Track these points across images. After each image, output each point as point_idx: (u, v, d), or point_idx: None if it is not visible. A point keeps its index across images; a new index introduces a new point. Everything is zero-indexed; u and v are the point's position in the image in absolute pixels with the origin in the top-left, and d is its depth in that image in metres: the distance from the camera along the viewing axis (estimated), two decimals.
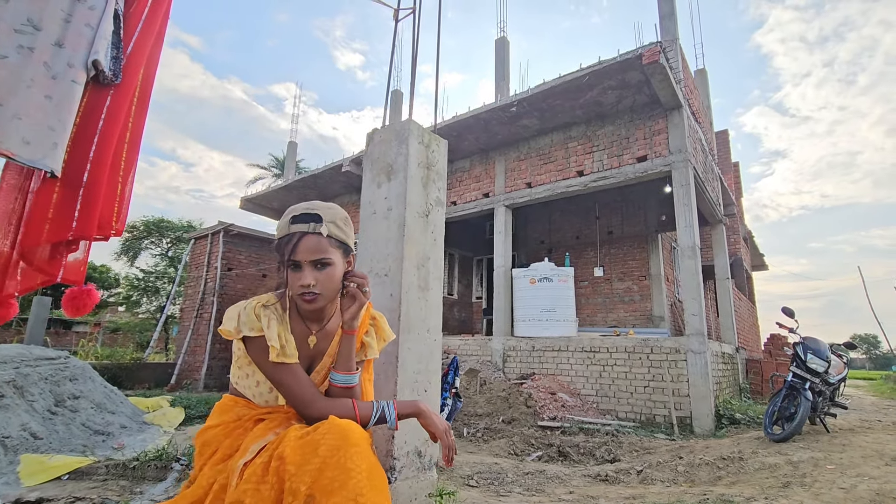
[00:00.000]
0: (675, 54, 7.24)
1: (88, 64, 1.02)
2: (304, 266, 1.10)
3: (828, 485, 2.93)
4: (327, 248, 1.12)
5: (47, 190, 0.96)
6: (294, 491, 0.88)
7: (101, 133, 1.03)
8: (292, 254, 1.10)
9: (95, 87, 1.05)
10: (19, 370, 4.68)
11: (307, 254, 1.10)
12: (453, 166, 9.69)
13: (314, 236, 1.11)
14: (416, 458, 1.59)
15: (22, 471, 3.68)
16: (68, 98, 1.00)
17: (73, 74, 1.01)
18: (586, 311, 10.70)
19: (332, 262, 1.13)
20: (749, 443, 4.23)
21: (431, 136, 1.90)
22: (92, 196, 1.01)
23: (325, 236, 1.12)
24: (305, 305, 1.12)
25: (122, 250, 23.24)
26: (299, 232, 1.11)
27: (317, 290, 1.10)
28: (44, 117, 0.96)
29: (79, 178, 0.99)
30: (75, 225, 0.98)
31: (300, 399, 1.08)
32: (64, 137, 0.98)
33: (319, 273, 1.11)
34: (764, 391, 8.71)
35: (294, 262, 1.10)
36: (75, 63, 1.01)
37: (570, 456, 4.68)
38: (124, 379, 9.77)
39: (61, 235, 0.96)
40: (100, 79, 1.05)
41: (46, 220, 0.95)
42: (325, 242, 1.12)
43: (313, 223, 1.12)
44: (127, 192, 1.09)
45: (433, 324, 1.77)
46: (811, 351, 4.32)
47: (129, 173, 1.09)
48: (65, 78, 1.00)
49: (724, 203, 10.13)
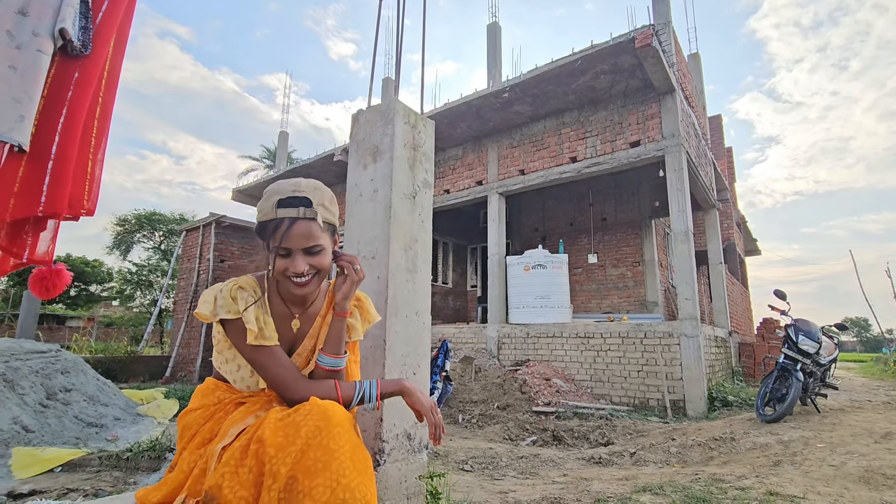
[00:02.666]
0: (669, 38, 7.18)
1: (55, 33, 0.98)
2: (295, 253, 1.05)
3: (818, 463, 2.97)
4: (319, 234, 1.07)
5: (13, 165, 0.92)
6: (274, 473, 0.86)
7: (70, 106, 0.98)
8: (283, 241, 1.03)
9: (64, 58, 1.01)
10: (9, 364, 4.64)
11: (299, 241, 1.04)
12: (446, 154, 9.62)
13: (305, 222, 1.04)
14: (406, 440, 1.58)
15: (14, 464, 3.66)
16: (34, 68, 0.95)
17: (39, 44, 0.96)
18: (580, 297, 10.73)
19: (323, 247, 1.08)
20: (741, 424, 4.28)
21: (418, 117, 1.86)
22: (61, 171, 0.97)
23: (316, 221, 1.06)
24: (296, 290, 1.08)
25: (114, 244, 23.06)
26: (289, 218, 1.04)
27: (311, 272, 1.07)
28: (8, 88, 0.91)
29: (47, 152, 0.95)
30: (44, 200, 0.94)
31: (281, 382, 1.05)
32: (31, 110, 0.94)
33: (312, 259, 1.06)
34: (756, 374, 8.80)
35: (284, 248, 1.04)
36: (41, 32, 0.96)
37: (564, 440, 4.72)
38: (119, 372, 9.73)
39: (29, 211, 0.93)
40: (68, 49, 1.00)
41: (11, 194, 0.91)
42: (316, 228, 1.06)
43: (303, 207, 1.05)
44: (97, 171, 1.05)
45: (421, 307, 1.75)
46: (803, 333, 4.35)
47: (98, 150, 1.05)
48: (30, 47, 0.95)
49: (717, 188, 10.15)
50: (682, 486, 2.58)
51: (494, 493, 2.84)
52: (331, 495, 0.86)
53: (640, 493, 2.47)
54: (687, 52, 11.93)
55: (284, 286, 1.10)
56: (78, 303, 28.43)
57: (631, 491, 2.55)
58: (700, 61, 12.00)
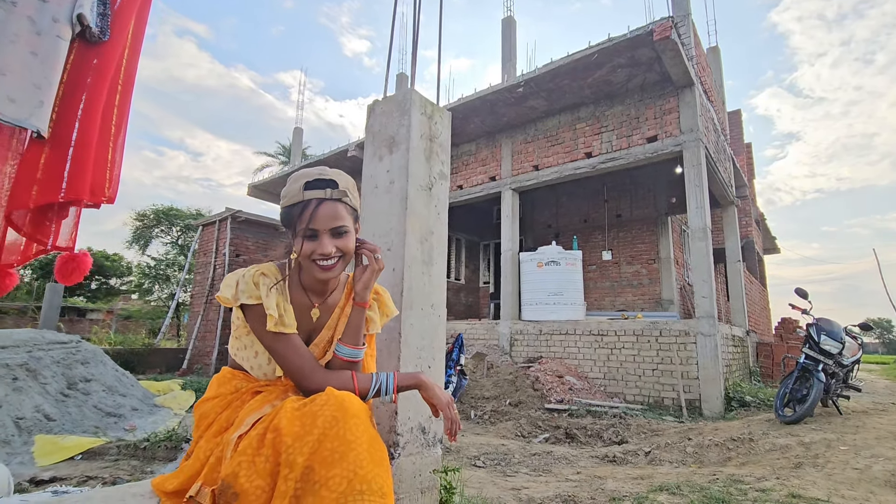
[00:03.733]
0: (688, 30, 7.03)
1: (73, 18, 0.98)
2: (322, 234, 1.06)
3: (841, 465, 2.89)
4: (345, 216, 1.08)
5: (35, 151, 0.92)
6: (291, 463, 0.85)
7: (89, 92, 0.98)
8: (311, 222, 1.04)
9: (83, 44, 1.01)
10: (32, 354, 4.75)
11: (327, 221, 1.05)
12: (459, 150, 9.58)
13: (332, 203, 1.07)
14: (420, 434, 1.57)
15: (36, 451, 3.75)
16: (54, 54, 0.95)
17: (58, 30, 0.96)
18: (594, 295, 10.62)
19: (349, 229, 1.09)
20: (759, 425, 4.19)
21: (434, 107, 1.84)
22: (82, 157, 0.97)
23: (342, 203, 1.08)
24: (322, 274, 1.07)
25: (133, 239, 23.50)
26: (316, 199, 1.06)
27: (337, 255, 1.07)
28: (29, 74, 0.92)
29: (67, 139, 0.95)
30: (65, 187, 0.94)
31: (298, 370, 1.04)
32: (50, 95, 0.94)
33: (338, 241, 1.07)
34: (775, 374, 8.63)
35: (312, 229, 1.05)
36: (60, 17, 0.96)
37: (577, 438, 4.67)
38: (137, 364, 9.91)
39: (51, 197, 0.93)
40: (86, 36, 1.00)
41: (35, 181, 0.91)
42: (342, 209, 1.08)
43: (330, 189, 1.07)
44: (118, 158, 1.05)
45: (437, 299, 1.73)
46: (825, 332, 4.24)
47: (118, 137, 1.05)
48: (49, 33, 0.95)
49: (735, 184, 9.94)
50: (700, 486, 2.53)
51: (507, 489, 2.82)
52: (347, 486, 0.84)
53: (656, 493, 2.43)
54: (706, 46, 11.70)
55: (309, 271, 1.09)
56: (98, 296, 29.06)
57: (647, 490, 2.51)
58: (720, 55, 11.75)
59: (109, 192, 1.04)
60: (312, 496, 0.84)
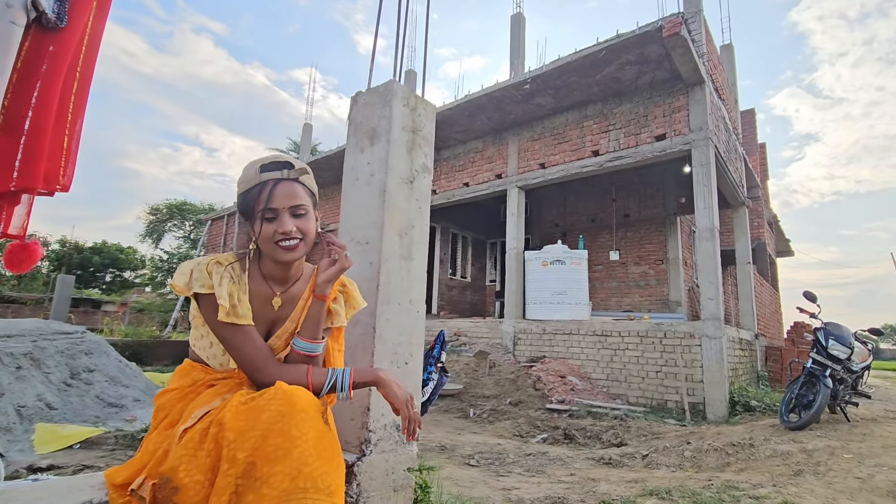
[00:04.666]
0: (699, 26, 6.90)
1: (28, 4, 0.96)
2: (281, 213, 1.05)
3: (843, 474, 2.81)
4: (303, 196, 1.09)
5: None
6: (231, 458, 0.83)
7: (45, 80, 0.97)
8: (269, 201, 1.04)
9: (39, 30, 0.99)
10: (37, 343, 4.82)
11: (285, 200, 1.06)
12: (465, 147, 9.53)
13: (289, 182, 1.08)
14: (395, 431, 1.54)
15: (36, 439, 3.80)
16: (6, 41, 0.94)
17: (12, 15, 0.95)
18: (600, 295, 10.51)
19: (308, 210, 1.10)
20: (763, 430, 4.10)
21: (418, 100, 1.81)
22: (35, 145, 0.95)
23: (299, 182, 1.09)
24: (285, 255, 1.06)
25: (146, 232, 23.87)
26: (272, 179, 1.06)
27: (298, 235, 1.07)
28: None
29: (20, 126, 0.94)
30: (16, 175, 0.93)
31: (250, 362, 1.02)
32: (2, 81, 0.93)
33: (298, 221, 1.07)
34: (783, 379, 8.45)
35: (271, 209, 1.05)
36: (13, 3, 0.95)
37: (575, 439, 4.62)
38: (144, 355, 10.04)
39: (1, 186, 0.92)
40: (43, 21, 0.99)
41: None
42: (300, 189, 1.09)
43: (286, 170, 1.08)
44: (73, 146, 1.04)
45: (416, 294, 1.70)
46: (833, 337, 4.13)
47: (75, 125, 1.04)
48: (3, 19, 0.94)
49: (747, 185, 9.76)
50: (692, 491, 2.47)
51: (497, 489, 2.78)
52: (290, 484, 0.82)
53: (645, 497, 2.38)
54: (720, 44, 11.48)
55: (271, 254, 1.08)
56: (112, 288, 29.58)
57: (637, 494, 2.46)
58: (733, 53, 11.53)
59: (64, 180, 1.03)
60: (253, 493, 0.81)
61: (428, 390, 2.87)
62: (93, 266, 28.12)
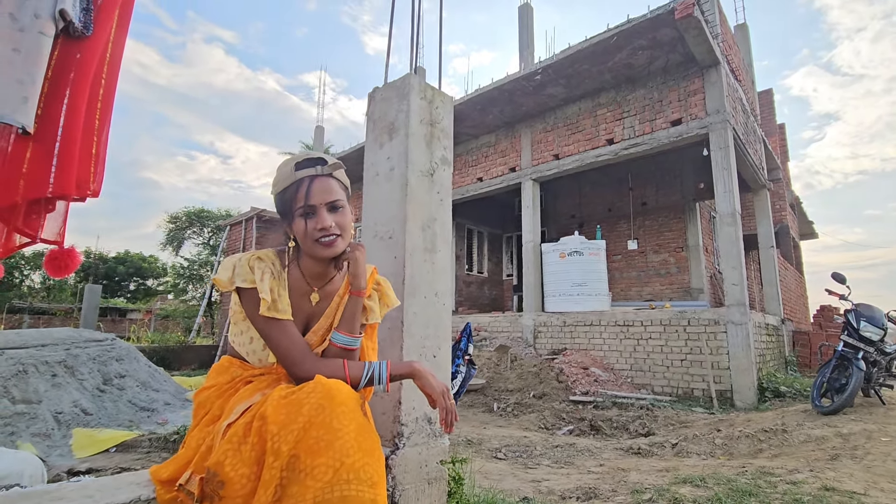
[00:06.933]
0: (712, 6, 6.74)
1: (56, 14, 0.98)
2: (319, 209, 1.06)
3: (882, 457, 2.73)
4: (339, 190, 1.10)
5: (20, 147, 0.94)
6: (276, 451, 0.84)
7: (73, 87, 0.99)
8: (307, 198, 1.06)
9: (66, 39, 1.02)
10: (70, 351, 4.96)
11: (322, 195, 1.07)
12: (478, 142, 9.49)
13: (325, 178, 1.09)
14: (426, 424, 1.55)
15: (74, 444, 3.92)
16: (36, 51, 0.96)
17: (41, 26, 0.97)
18: (620, 285, 10.39)
19: (344, 203, 1.11)
20: (794, 415, 4.01)
21: (435, 92, 1.80)
22: (67, 153, 0.98)
23: (333, 177, 1.10)
24: (325, 251, 1.07)
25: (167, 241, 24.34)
26: (308, 176, 1.08)
27: (337, 231, 1.08)
28: (12, 71, 0.93)
29: (53, 135, 0.97)
30: (52, 181, 0.96)
31: (289, 357, 1.04)
32: (34, 92, 0.95)
33: (336, 215, 1.08)
34: (812, 364, 8.27)
35: (309, 206, 1.06)
36: (42, 13, 0.97)
37: (602, 430, 4.58)
38: (171, 360, 10.28)
39: (39, 192, 0.95)
40: (69, 31, 1.01)
41: (21, 176, 0.93)
42: (335, 184, 1.10)
43: (320, 166, 1.09)
44: (102, 152, 1.06)
45: (441, 287, 1.70)
46: (865, 318, 4.02)
47: (102, 131, 1.06)
48: (32, 30, 0.96)
49: (767, 167, 9.52)
50: (727, 478, 2.43)
51: (527, 481, 2.78)
52: (333, 475, 0.83)
53: (679, 485, 2.35)
54: (733, 24, 11.21)
55: (311, 252, 1.10)
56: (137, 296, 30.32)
57: (670, 482, 2.43)
58: (748, 32, 11.25)
59: (94, 185, 1.06)
60: (297, 485, 0.82)
61: (456, 383, 2.88)
62: (118, 275, 28.86)
